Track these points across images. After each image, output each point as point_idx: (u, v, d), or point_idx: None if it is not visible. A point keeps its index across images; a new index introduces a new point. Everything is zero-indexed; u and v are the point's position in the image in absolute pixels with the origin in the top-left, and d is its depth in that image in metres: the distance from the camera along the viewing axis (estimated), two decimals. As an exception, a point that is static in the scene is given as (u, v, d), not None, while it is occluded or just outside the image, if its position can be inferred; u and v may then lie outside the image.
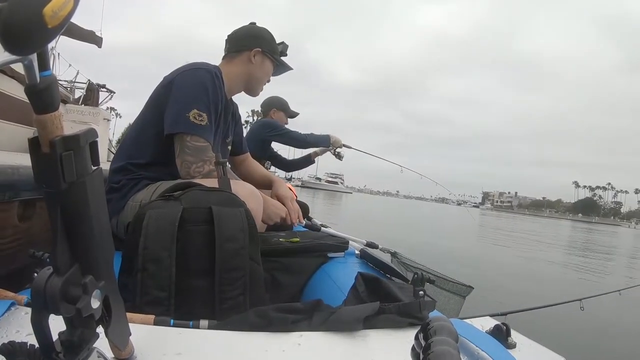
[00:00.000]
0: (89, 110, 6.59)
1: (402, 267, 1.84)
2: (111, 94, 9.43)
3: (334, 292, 1.16)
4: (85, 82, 8.23)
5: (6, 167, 0.96)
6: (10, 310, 0.62)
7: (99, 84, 8.69)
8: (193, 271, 0.86)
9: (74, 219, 0.37)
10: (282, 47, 1.63)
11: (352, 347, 0.63)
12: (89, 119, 6.26)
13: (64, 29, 0.30)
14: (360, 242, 1.83)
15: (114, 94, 9.52)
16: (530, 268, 7.45)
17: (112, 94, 9.47)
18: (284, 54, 1.65)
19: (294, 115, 3.22)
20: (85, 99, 7.71)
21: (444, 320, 0.44)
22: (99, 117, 6.55)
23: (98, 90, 8.47)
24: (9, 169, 0.96)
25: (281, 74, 1.73)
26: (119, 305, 0.45)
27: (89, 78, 8.41)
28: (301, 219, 1.66)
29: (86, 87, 8.02)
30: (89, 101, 7.67)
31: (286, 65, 1.66)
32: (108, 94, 9.35)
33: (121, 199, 1.26)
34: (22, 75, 1.98)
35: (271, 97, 3.18)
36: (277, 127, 2.98)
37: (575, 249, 12.98)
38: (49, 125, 0.35)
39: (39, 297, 0.35)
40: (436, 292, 1.72)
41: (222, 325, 0.67)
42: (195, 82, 1.31)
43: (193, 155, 1.26)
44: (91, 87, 8.06)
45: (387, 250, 1.97)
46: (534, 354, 0.71)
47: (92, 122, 6.08)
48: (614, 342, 3.27)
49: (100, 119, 6.63)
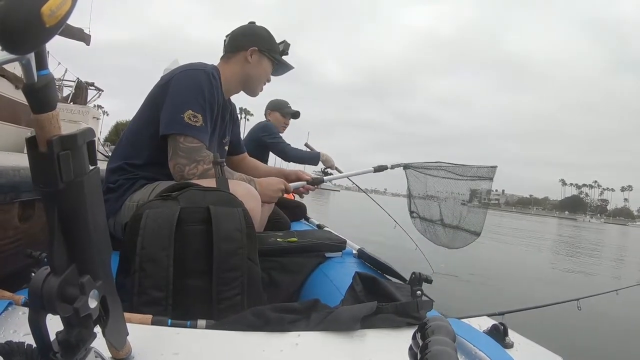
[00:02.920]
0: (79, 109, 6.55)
1: None
2: (99, 92, 9.37)
3: (331, 291, 1.16)
4: (74, 80, 8.15)
5: (8, 169, 0.96)
6: (8, 310, 0.62)
7: (88, 82, 8.63)
8: (190, 271, 0.86)
9: (71, 219, 0.37)
10: (283, 45, 1.60)
11: (350, 347, 0.63)
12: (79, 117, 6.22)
13: (62, 28, 0.30)
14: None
15: (102, 92, 9.45)
16: (527, 267, 7.46)
17: (100, 92, 9.41)
18: (285, 52, 1.62)
19: (292, 113, 3.19)
20: (74, 97, 7.64)
21: (441, 320, 0.44)
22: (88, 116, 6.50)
23: (87, 88, 8.41)
24: (10, 170, 0.96)
25: (283, 74, 1.70)
26: (116, 305, 0.45)
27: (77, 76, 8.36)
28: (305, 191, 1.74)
29: (75, 85, 7.95)
30: (78, 99, 7.62)
31: (287, 64, 1.63)
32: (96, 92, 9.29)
33: (118, 199, 1.26)
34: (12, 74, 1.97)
35: (272, 99, 3.19)
36: (272, 133, 2.96)
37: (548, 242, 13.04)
38: (46, 124, 0.34)
39: (36, 297, 0.35)
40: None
41: (220, 325, 0.67)
42: (191, 83, 1.30)
43: (186, 156, 1.25)
44: (80, 85, 7.99)
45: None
46: (532, 354, 0.72)
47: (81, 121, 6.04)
48: (612, 342, 3.28)
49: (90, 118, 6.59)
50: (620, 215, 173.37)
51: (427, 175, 2.07)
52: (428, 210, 2.09)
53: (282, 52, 1.61)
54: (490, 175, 2.01)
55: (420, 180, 2.09)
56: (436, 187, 2.07)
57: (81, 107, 6.71)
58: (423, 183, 2.08)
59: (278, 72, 1.66)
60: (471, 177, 2.02)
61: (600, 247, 15.03)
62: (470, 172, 2.03)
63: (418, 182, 2.10)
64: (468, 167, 2.04)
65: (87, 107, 6.85)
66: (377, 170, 2.04)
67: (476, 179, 2.02)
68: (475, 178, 2.02)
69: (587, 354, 2.87)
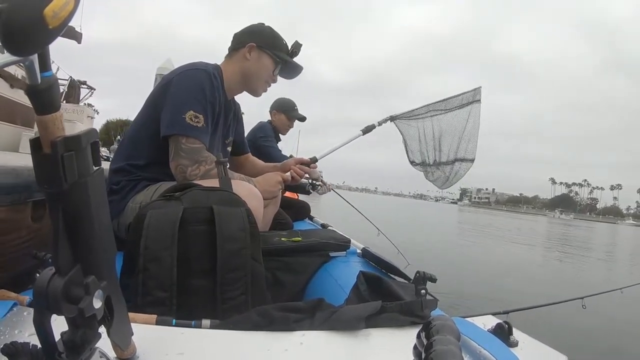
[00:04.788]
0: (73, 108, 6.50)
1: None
2: (92, 90, 9.33)
3: (335, 291, 1.16)
4: (67, 78, 8.10)
5: (23, 169, 0.98)
6: (13, 310, 0.62)
7: (80, 81, 8.59)
8: (194, 271, 0.86)
9: (75, 220, 0.37)
10: (293, 46, 1.55)
11: (354, 346, 0.63)
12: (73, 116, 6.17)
13: (65, 29, 0.30)
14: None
15: (94, 91, 9.42)
16: (531, 266, 7.44)
17: (92, 91, 9.38)
18: (296, 53, 1.56)
19: (299, 117, 3.08)
20: (67, 95, 7.60)
21: (446, 319, 0.44)
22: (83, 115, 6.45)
23: (79, 86, 8.38)
24: (25, 170, 0.98)
25: (294, 77, 1.62)
26: (121, 306, 0.45)
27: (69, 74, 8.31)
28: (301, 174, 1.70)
29: (68, 84, 7.90)
30: (71, 98, 7.58)
31: (294, 64, 1.56)
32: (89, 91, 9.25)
33: (121, 201, 1.26)
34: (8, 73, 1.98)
35: (278, 97, 3.09)
36: (265, 135, 2.91)
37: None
38: (50, 125, 0.35)
39: (41, 297, 0.35)
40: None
41: (224, 324, 0.67)
42: (192, 83, 1.30)
43: (188, 157, 1.24)
44: (73, 84, 7.95)
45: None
46: (536, 353, 0.71)
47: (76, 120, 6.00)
48: (617, 340, 3.26)
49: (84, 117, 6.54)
50: (610, 213, 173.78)
51: (417, 119, 2.07)
52: (426, 154, 2.09)
53: (292, 53, 1.55)
54: (477, 98, 1.99)
55: (412, 126, 2.09)
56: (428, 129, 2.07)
57: (76, 107, 6.66)
58: (415, 128, 2.08)
59: (287, 74, 1.60)
60: (459, 106, 2.02)
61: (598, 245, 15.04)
62: (456, 101, 2.02)
63: (410, 129, 2.09)
64: (452, 98, 2.02)
65: (82, 106, 6.82)
66: (366, 132, 2.00)
67: (464, 106, 2.01)
68: (463, 106, 2.01)
69: (593, 353, 2.86)
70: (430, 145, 2.07)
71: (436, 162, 2.07)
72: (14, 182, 0.95)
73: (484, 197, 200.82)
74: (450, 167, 2.06)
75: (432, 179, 2.12)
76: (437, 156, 2.06)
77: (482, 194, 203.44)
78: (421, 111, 2.06)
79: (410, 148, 2.12)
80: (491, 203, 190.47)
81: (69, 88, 7.83)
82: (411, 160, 2.13)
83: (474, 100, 1.99)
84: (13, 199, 0.95)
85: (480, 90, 2.01)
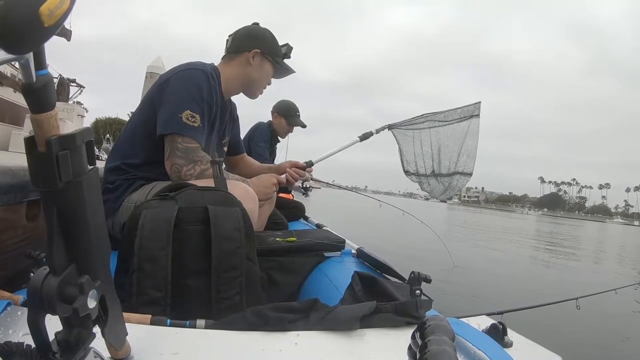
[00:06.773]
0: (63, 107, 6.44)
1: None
2: (81, 88, 9.29)
3: (330, 291, 1.16)
4: (56, 76, 8.06)
5: (19, 169, 0.97)
6: (7, 310, 0.62)
7: (69, 79, 8.55)
8: (189, 271, 0.85)
9: (70, 219, 0.37)
10: (285, 49, 1.57)
11: (349, 346, 0.63)
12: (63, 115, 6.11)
13: (60, 28, 0.30)
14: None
15: (83, 89, 9.37)
16: (526, 266, 7.47)
17: (82, 89, 9.33)
18: (288, 56, 1.59)
19: (300, 124, 3.02)
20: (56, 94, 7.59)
21: (440, 320, 0.44)
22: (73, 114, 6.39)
23: (69, 85, 8.34)
24: (21, 170, 0.98)
25: (284, 77, 1.66)
26: (115, 305, 0.45)
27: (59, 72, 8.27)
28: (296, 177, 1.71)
29: (57, 81, 7.87)
30: (60, 96, 7.54)
31: (288, 68, 1.60)
32: (78, 89, 9.21)
33: (116, 200, 1.26)
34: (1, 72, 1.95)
35: (282, 100, 3.05)
36: (259, 136, 2.90)
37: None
38: (45, 124, 0.34)
39: (35, 297, 0.35)
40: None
41: (219, 324, 0.67)
42: (189, 83, 1.30)
43: (183, 157, 1.24)
44: (62, 82, 7.92)
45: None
46: (531, 353, 0.72)
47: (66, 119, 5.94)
48: (610, 341, 3.28)
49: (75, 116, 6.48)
50: (599, 212, 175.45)
51: (414, 130, 2.07)
52: (422, 165, 2.10)
53: (284, 55, 1.57)
54: (476, 113, 2.00)
55: (408, 136, 2.09)
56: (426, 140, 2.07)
57: (66, 105, 6.61)
58: (411, 138, 2.09)
59: (279, 75, 1.63)
60: (458, 120, 2.02)
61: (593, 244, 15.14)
62: (456, 114, 2.02)
63: (407, 139, 2.09)
64: (452, 110, 2.03)
65: (72, 105, 6.77)
66: (363, 139, 2.00)
67: (464, 119, 2.01)
68: (462, 119, 2.01)
69: (587, 353, 2.88)
70: (428, 156, 2.08)
71: (434, 172, 2.07)
72: (10, 182, 0.95)
73: (474, 196, 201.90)
74: (449, 179, 2.06)
75: (427, 189, 2.13)
76: (435, 167, 2.06)
77: (472, 193, 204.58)
78: (419, 121, 2.06)
79: (406, 158, 2.13)
80: (480, 202, 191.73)
81: (58, 86, 7.76)
82: (406, 170, 2.14)
83: (473, 115, 2.00)
84: (8, 199, 0.95)
85: (480, 106, 2.01)
